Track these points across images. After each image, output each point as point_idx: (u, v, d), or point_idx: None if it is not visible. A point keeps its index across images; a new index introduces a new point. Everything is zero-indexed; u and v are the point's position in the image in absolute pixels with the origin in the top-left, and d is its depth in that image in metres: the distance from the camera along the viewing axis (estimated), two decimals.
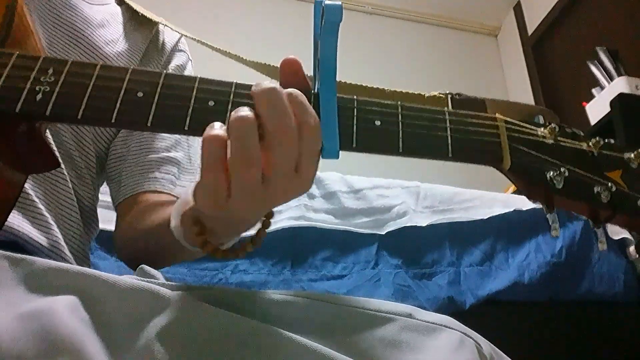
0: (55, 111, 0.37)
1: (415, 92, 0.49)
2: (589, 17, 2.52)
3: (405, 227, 1.29)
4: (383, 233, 1.29)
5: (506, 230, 1.33)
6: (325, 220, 1.28)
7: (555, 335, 1.23)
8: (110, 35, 0.66)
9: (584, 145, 0.43)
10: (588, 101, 2.12)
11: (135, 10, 0.71)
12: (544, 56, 2.80)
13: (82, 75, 0.38)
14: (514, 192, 2.15)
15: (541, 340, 1.22)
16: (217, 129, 0.35)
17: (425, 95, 0.49)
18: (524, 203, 1.45)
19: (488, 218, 1.34)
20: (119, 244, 0.63)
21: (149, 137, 0.66)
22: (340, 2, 0.36)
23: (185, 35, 0.74)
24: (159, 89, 0.38)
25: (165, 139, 0.66)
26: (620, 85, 1.93)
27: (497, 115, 0.42)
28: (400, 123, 0.39)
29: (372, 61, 2.77)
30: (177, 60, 0.73)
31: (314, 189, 1.35)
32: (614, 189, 0.41)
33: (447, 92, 0.48)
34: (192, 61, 0.76)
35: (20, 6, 0.45)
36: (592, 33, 2.46)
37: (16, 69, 0.38)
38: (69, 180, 0.57)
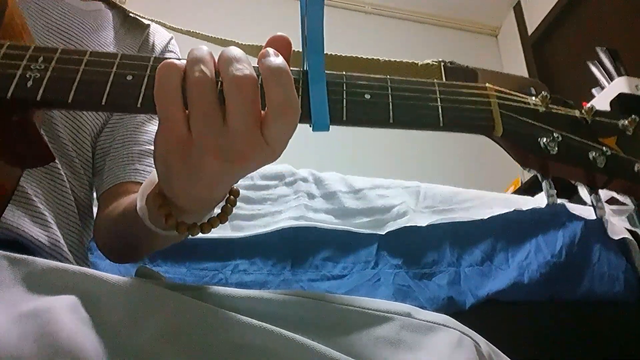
0: (45, 96, 0.37)
1: (409, 61, 0.49)
2: (589, 17, 2.52)
3: (405, 227, 1.29)
4: (383, 233, 1.28)
5: (506, 230, 1.33)
6: (325, 220, 1.28)
7: (555, 335, 1.23)
8: (104, 40, 0.67)
9: (577, 113, 0.43)
10: (588, 101, 2.12)
11: (127, 15, 0.72)
12: (544, 56, 2.80)
13: (72, 61, 0.39)
14: (514, 192, 2.15)
15: (541, 340, 1.22)
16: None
17: (419, 63, 0.49)
18: (524, 203, 1.45)
19: (488, 218, 1.33)
20: (96, 235, 0.63)
21: (133, 130, 0.66)
22: None
23: (177, 29, 0.74)
24: (148, 71, 0.38)
25: (149, 133, 0.66)
26: (620, 85, 1.93)
27: (488, 84, 0.42)
28: (390, 95, 0.39)
29: None
30: None
31: (314, 189, 1.34)
32: (609, 153, 0.41)
33: (440, 59, 0.48)
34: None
35: (10, 7, 0.45)
36: (592, 33, 2.46)
37: (7, 57, 0.39)
38: (65, 179, 0.58)
